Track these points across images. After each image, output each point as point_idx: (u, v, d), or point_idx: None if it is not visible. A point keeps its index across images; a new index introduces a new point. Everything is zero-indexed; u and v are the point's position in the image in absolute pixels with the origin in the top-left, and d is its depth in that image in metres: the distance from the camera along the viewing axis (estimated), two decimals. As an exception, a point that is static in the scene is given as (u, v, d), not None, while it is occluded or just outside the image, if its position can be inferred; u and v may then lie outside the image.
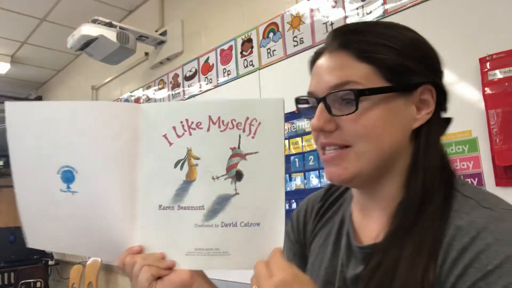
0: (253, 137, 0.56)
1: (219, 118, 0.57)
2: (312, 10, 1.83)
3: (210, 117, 0.57)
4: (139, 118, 0.59)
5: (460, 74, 1.31)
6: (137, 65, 3.10)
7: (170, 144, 0.58)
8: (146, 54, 2.96)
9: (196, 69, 2.51)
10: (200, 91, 2.45)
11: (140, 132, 0.59)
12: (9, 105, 0.61)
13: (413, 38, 0.60)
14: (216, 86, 2.33)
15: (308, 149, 1.78)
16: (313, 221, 0.73)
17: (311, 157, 1.76)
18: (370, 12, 1.58)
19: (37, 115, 0.61)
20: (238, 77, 2.19)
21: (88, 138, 0.59)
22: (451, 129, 1.31)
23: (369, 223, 0.62)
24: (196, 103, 0.60)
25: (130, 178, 0.59)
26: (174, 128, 0.58)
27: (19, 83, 4.75)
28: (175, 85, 2.67)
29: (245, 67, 2.14)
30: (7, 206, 4.68)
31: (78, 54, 3.91)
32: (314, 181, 1.74)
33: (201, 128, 0.57)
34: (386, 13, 1.53)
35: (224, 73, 2.29)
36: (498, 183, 1.19)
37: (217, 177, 0.57)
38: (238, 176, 0.57)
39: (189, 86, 2.55)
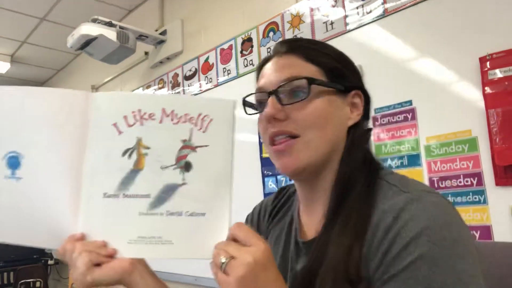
0: (204, 132, 0.58)
1: (172, 111, 0.58)
2: (312, 10, 1.83)
3: (163, 110, 0.58)
4: (89, 106, 0.59)
5: (460, 73, 1.31)
6: (137, 64, 3.10)
7: (120, 132, 0.58)
8: (146, 53, 2.96)
9: (196, 69, 2.50)
10: (200, 90, 2.45)
11: (89, 120, 0.59)
12: None
13: (342, 53, 0.69)
14: (216, 86, 2.33)
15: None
16: (266, 222, 0.78)
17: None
18: (370, 11, 1.58)
19: None
20: (238, 76, 2.19)
21: (36, 124, 0.59)
22: (451, 129, 1.32)
23: (312, 218, 0.66)
24: (150, 95, 0.61)
25: (76, 166, 0.58)
26: (125, 117, 0.58)
27: (19, 82, 4.75)
28: (175, 84, 2.67)
29: (245, 67, 2.14)
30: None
31: (78, 53, 3.91)
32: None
33: (154, 119, 0.58)
34: (386, 12, 1.53)
35: (224, 72, 2.28)
36: (498, 183, 1.19)
37: (166, 167, 0.57)
38: (187, 166, 0.58)
39: (189, 86, 2.55)
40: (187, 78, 2.57)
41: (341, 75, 0.65)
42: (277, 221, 0.76)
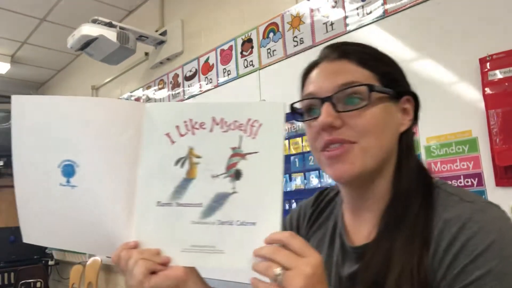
0: (253, 138, 0.57)
1: (222, 119, 0.58)
2: (312, 10, 1.83)
3: (213, 118, 0.59)
4: (142, 116, 0.60)
5: (460, 74, 1.31)
6: (137, 65, 3.10)
7: (172, 142, 0.59)
8: (146, 54, 2.96)
9: (196, 69, 2.51)
10: (200, 91, 2.45)
11: (142, 130, 0.60)
12: (15, 98, 0.62)
13: (391, 57, 0.66)
14: (216, 86, 2.33)
15: (308, 149, 1.78)
16: (306, 226, 0.76)
17: (311, 157, 1.76)
18: (370, 12, 1.58)
19: (43, 109, 0.62)
20: (238, 77, 2.19)
21: (91, 133, 0.60)
22: (451, 129, 1.32)
23: (361, 224, 0.65)
24: (200, 104, 0.60)
25: (130, 174, 0.60)
26: (177, 127, 0.59)
27: (19, 83, 4.74)
28: (175, 85, 2.67)
29: (245, 67, 2.14)
30: (7, 206, 4.67)
31: (78, 54, 3.91)
32: (314, 181, 1.74)
33: (204, 128, 0.59)
34: (386, 13, 1.53)
35: (224, 73, 2.29)
36: (498, 183, 1.19)
37: (217, 175, 0.58)
38: (237, 175, 0.57)
39: (189, 86, 2.55)
40: (187, 78, 2.57)
41: (394, 80, 0.63)
42: (319, 225, 0.75)
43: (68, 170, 0.60)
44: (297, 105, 0.67)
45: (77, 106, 0.61)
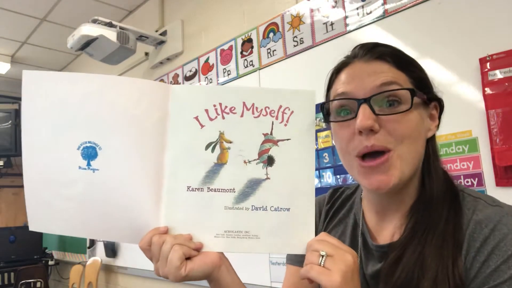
0: (285, 125, 0.58)
1: (253, 104, 0.58)
2: (312, 10, 1.83)
3: (244, 103, 0.58)
4: (169, 99, 0.58)
5: (460, 74, 1.31)
6: (137, 65, 3.10)
7: (202, 126, 0.58)
8: (146, 54, 2.96)
9: (196, 69, 2.51)
10: (200, 91, 2.45)
11: (169, 113, 0.58)
12: (27, 74, 0.58)
13: (419, 63, 0.66)
14: (216, 86, 2.33)
15: (308, 149, 1.77)
16: (323, 222, 0.76)
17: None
18: (370, 12, 1.58)
19: (60, 87, 0.57)
20: (238, 77, 2.19)
21: (116, 114, 0.57)
22: (451, 129, 1.32)
23: (385, 224, 0.66)
24: (231, 88, 0.60)
25: (157, 159, 0.58)
26: (206, 111, 0.58)
27: (19, 83, 4.68)
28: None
29: (245, 67, 2.14)
30: (7, 206, 4.68)
31: (78, 54, 3.91)
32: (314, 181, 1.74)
33: (235, 113, 0.58)
34: (386, 13, 1.53)
35: (224, 73, 2.29)
36: (498, 183, 1.19)
37: (249, 161, 0.58)
38: (270, 161, 0.58)
39: (189, 86, 2.55)
40: (187, 78, 2.57)
41: (426, 85, 0.62)
42: (337, 222, 0.74)
43: (89, 153, 0.57)
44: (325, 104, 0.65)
45: (99, 85, 0.57)
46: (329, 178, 1.69)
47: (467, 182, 1.26)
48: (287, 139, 0.58)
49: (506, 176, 1.18)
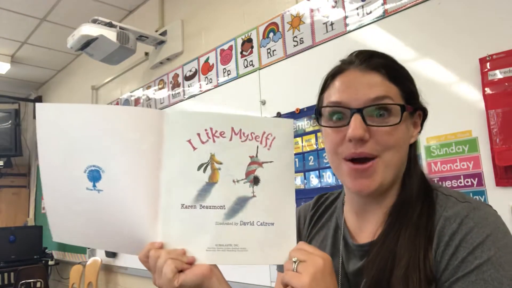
0: (268, 149, 0.64)
1: (240, 130, 0.64)
2: (312, 10, 1.83)
3: (232, 129, 0.64)
4: (163, 124, 0.63)
5: (460, 74, 1.31)
6: (137, 65, 3.10)
7: (194, 148, 0.63)
8: (146, 54, 2.96)
9: (196, 69, 2.51)
10: (200, 91, 2.45)
11: (164, 136, 0.63)
12: (39, 107, 0.64)
13: (409, 72, 0.69)
14: (216, 86, 2.33)
15: (308, 149, 1.78)
16: (308, 228, 0.81)
17: (311, 157, 1.76)
18: (370, 12, 1.58)
19: (67, 117, 0.64)
20: (238, 77, 2.19)
21: (116, 140, 0.63)
22: (451, 129, 1.32)
23: (365, 225, 0.70)
24: (220, 115, 0.66)
25: (154, 179, 0.63)
26: (198, 134, 0.63)
27: (19, 83, 4.75)
28: (175, 85, 2.67)
29: (245, 67, 2.15)
30: (7, 206, 4.68)
31: (78, 54, 3.91)
32: (314, 181, 1.74)
33: (224, 137, 0.64)
34: (386, 13, 1.53)
35: (224, 73, 2.29)
36: (498, 183, 1.19)
37: (237, 181, 0.63)
38: (256, 180, 0.64)
39: (189, 86, 2.55)
40: (187, 78, 2.57)
41: (414, 96, 0.67)
42: (321, 226, 0.79)
43: (94, 175, 0.63)
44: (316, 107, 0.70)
45: (100, 114, 0.64)
46: (329, 178, 1.69)
47: (467, 182, 1.26)
48: (270, 161, 0.64)
49: (506, 176, 1.18)
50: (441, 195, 0.63)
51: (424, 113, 0.69)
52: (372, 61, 0.65)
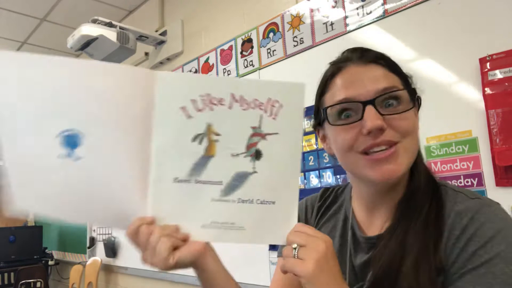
0: (274, 118, 0.57)
1: (241, 96, 0.57)
2: (312, 10, 1.83)
3: (232, 95, 0.57)
4: (155, 86, 0.56)
5: (460, 74, 1.31)
6: (137, 65, 3.09)
7: (189, 117, 0.57)
8: (146, 54, 2.96)
9: (196, 69, 2.50)
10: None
11: (155, 101, 0.56)
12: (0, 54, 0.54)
13: None
14: (216, 86, 2.33)
15: (308, 149, 1.78)
16: (315, 218, 0.80)
17: (311, 157, 1.76)
18: (370, 12, 1.58)
19: (38, 70, 0.55)
20: (238, 77, 2.19)
21: (100, 100, 0.55)
22: (451, 129, 1.32)
23: (374, 218, 0.70)
24: (219, 79, 0.60)
25: (143, 149, 0.56)
26: (193, 101, 0.57)
27: (19, 83, 4.74)
28: (175, 85, 2.67)
29: (245, 67, 2.15)
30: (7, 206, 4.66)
31: (78, 54, 3.90)
32: (314, 181, 1.74)
33: (223, 105, 0.57)
34: (386, 13, 1.53)
35: (224, 73, 2.28)
36: (498, 183, 1.19)
37: (237, 154, 0.57)
38: (257, 154, 0.58)
39: (189, 86, 2.55)
40: (187, 78, 2.57)
41: (410, 84, 0.67)
42: (328, 218, 0.79)
43: (71, 140, 0.55)
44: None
45: (81, 70, 0.55)
46: (329, 178, 1.69)
47: (467, 182, 1.26)
48: (275, 133, 0.58)
49: (506, 176, 1.18)
50: (451, 190, 0.63)
51: (419, 102, 0.69)
52: (370, 53, 0.66)
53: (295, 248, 0.54)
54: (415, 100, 0.66)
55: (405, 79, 0.66)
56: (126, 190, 0.57)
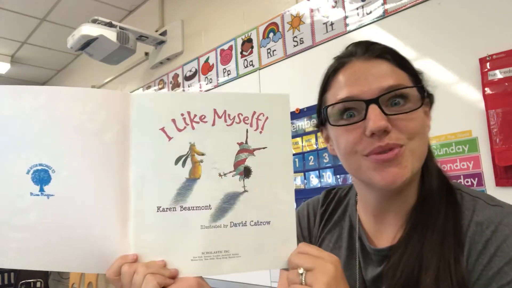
0: (260, 132, 0.54)
1: (224, 111, 0.54)
2: (312, 10, 1.83)
3: (215, 110, 0.53)
4: (130, 108, 0.52)
5: (460, 74, 1.31)
6: (137, 65, 3.10)
7: (169, 138, 0.52)
8: (146, 54, 2.96)
9: (196, 69, 2.50)
10: (200, 91, 2.45)
11: (131, 125, 0.52)
12: None
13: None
14: (216, 86, 2.33)
15: (308, 149, 1.78)
16: (318, 226, 0.74)
17: (311, 157, 1.76)
18: (370, 12, 1.58)
19: (4, 101, 0.51)
20: (238, 77, 2.19)
21: (68, 130, 0.51)
22: (451, 129, 1.32)
23: (384, 228, 0.64)
24: (199, 95, 0.56)
25: (120, 178, 0.52)
26: (173, 120, 0.53)
27: (19, 83, 4.74)
28: (175, 85, 2.67)
29: (245, 67, 2.14)
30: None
31: (78, 54, 3.91)
32: (314, 181, 1.74)
33: (206, 122, 0.53)
34: (386, 13, 1.53)
35: (224, 73, 2.29)
36: (498, 183, 1.19)
37: (224, 174, 0.54)
38: (247, 172, 0.54)
39: (189, 86, 2.55)
40: (187, 78, 2.57)
41: (421, 82, 0.61)
42: (333, 225, 0.73)
43: (42, 177, 0.50)
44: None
45: (47, 98, 0.51)
46: (329, 178, 1.69)
47: (467, 182, 1.26)
48: (264, 148, 0.54)
49: (506, 176, 1.18)
50: (467, 196, 0.58)
51: (431, 100, 0.63)
52: (375, 47, 0.60)
53: (301, 274, 0.49)
54: (425, 98, 0.60)
55: (415, 76, 0.61)
56: (104, 226, 0.51)
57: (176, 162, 0.53)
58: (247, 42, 2.15)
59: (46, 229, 0.51)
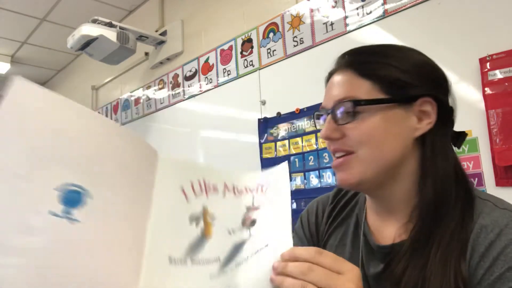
0: (264, 194, 0.61)
1: (233, 186, 0.60)
2: (312, 10, 1.83)
3: (225, 184, 0.60)
4: (156, 164, 0.55)
5: (460, 74, 1.31)
6: (137, 65, 3.10)
7: (187, 198, 0.57)
8: (146, 54, 2.96)
9: (196, 69, 2.51)
10: (200, 91, 2.45)
11: (156, 178, 0.54)
12: (18, 81, 0.42)
13: (419, 59, 0.66)
14: (216, 86, 2.33)
15: (308, 149, 1.78)
16: (326, 223, 0.76)
17: (311, 157, 1.76)
18: (370, 12, 1.58)
19: (56, 112, 0.45)
20: (238, 77, 2.19)
21: (115, 161, 0.48)
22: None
23: (386, 226, 0.66)
24: (213, 168, 0.61)
25: (141, 221, 0.50)
26: (191, 185, 0.58)
27: (19, 83, 4.74)
28: (175, 85, 2.67)
29: (245, 67, 2.15)
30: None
31: (78, 54, 3.91)
32: (314, 181, 1.74)
33: (217, 192, 0.59)
34: (386, 13, 1.53)
35: (224, 73, 2.29)
36: (498, 183, 1.19)
37: (233, 231, 0.59)
38: (252, 223, 0.59)
39: (189, 86, 2.55)
40: (187, 78, 2.57)
41: (403, 85, 0.61)
42: (341, 221, 0.75)
43: (73, 198, 0.44)
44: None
45: (99, 123, 0.48)
46: (329, 178, 1.69)
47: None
48: (267, 204, 0.60)
49: (506, 176, 1.18)
50: (477, 199, 0.58)
51: (437, 99, 0.62)
52: (347, 58, 0.66)
53: None
54: (411, 103, 0.60)
55: (390, 80, 0.61)
56: (119, 271, 0.46)
57: (190, 221, 0.57)
58: (247, 42, 2.15)
59: (53, 258, 0.42)
